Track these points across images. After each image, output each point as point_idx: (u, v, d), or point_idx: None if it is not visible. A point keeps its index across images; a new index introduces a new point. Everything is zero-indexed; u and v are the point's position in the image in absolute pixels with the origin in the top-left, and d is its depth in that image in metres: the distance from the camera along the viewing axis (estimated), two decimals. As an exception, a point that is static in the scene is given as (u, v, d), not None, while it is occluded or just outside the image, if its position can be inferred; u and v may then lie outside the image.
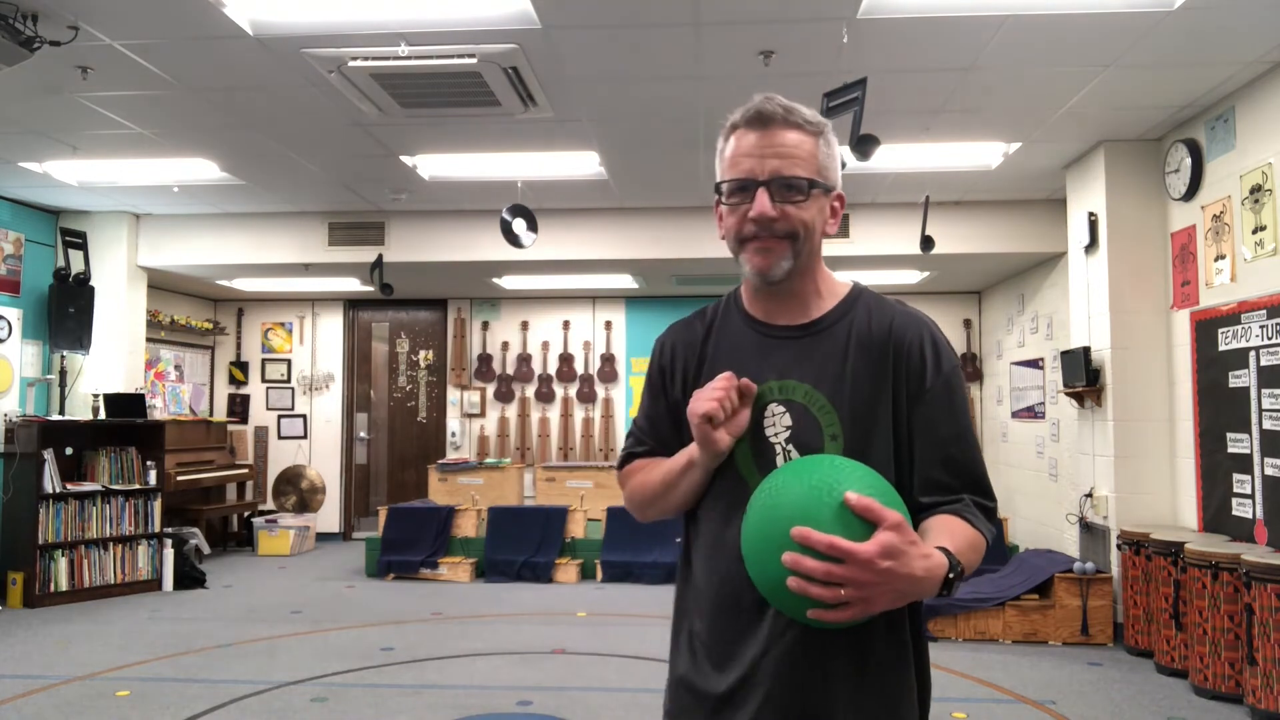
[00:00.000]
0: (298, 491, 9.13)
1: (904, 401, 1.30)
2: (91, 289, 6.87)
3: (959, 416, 1.31)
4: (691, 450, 1.32)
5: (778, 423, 1.31)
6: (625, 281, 8.23)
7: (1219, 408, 4.66)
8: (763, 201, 1.27)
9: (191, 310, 9.08)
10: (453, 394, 9.21)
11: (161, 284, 8.24)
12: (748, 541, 1.14)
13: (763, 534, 1.11)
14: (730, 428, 1.28)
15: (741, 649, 1.27)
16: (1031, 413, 7.41)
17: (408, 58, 4.05)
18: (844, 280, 1.42)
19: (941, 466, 1.28)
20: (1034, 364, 7.32)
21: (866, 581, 1.03)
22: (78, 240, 6.87)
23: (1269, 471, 4.26)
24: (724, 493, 1.33)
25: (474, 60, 4.06)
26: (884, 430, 1.29)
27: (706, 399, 1.26)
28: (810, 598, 1.04)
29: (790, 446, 1.30)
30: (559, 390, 9.12)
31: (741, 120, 1.31)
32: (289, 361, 9.42)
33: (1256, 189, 4.39)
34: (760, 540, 1.11)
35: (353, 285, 8.41)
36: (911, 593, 1.08)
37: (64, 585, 6.25)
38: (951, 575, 1.10)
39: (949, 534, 1.19)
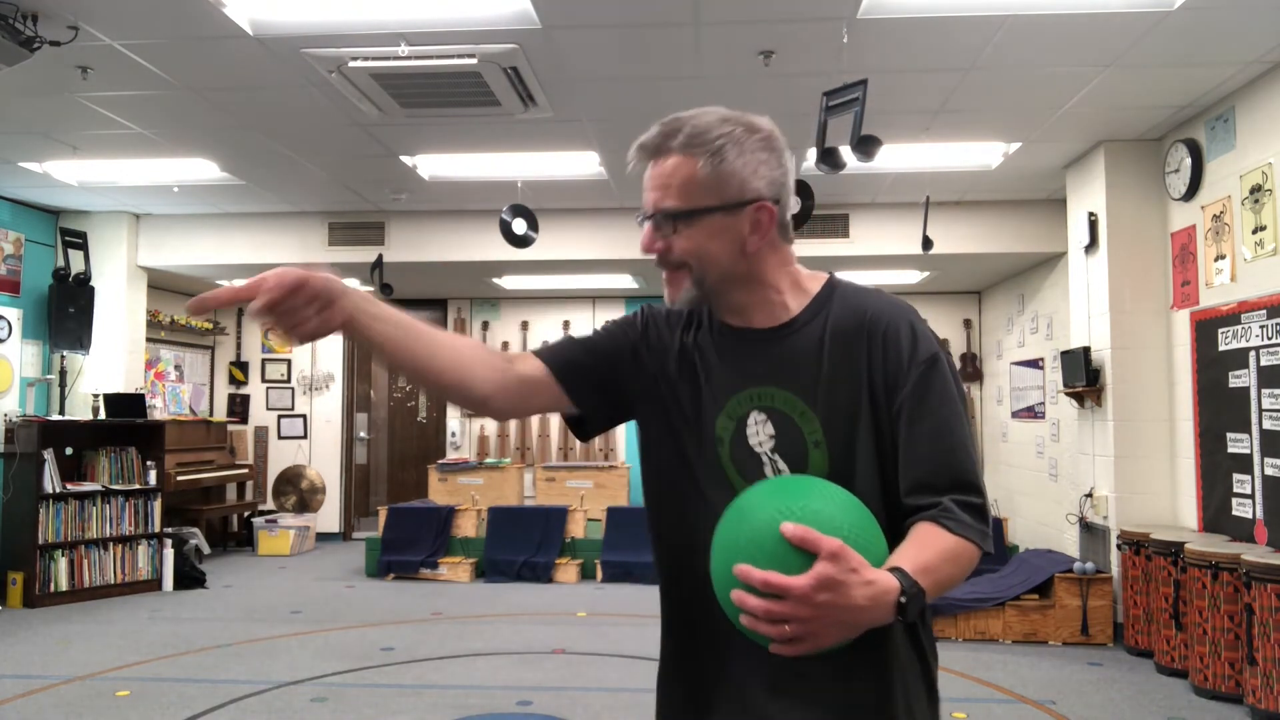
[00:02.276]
0: (298, 491, 9.12)
1: (883, 397, 1.22)
2: (91, 289, 6.87)
3: (940, 408, 1.21)
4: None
5: (760, 431, 1.26)
6: (625, 281, 8.23)
7: (1219, 408, 4.66)
8: (644, 237, 1.27)
9: (191, 310, 9.06)
10: (453, 394, 9.19)
11: (161, 284, 8.24)
12: (712, 571, 1.10)
13: (717, 566, 1.07)
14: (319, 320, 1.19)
15: (716, 665, 1.26)
16: (1031, 413, 7.41)
17: (408, 58, 4.04)
18: (820, 275, 1.35)
19: (922, 464, 1.19)
20: (1034, 364, 7.32)
21: (806, 617, 0.97)
22: (78, 240, 6.87)
23: (1269, 471, 4.26)
24: (703, 508, 1.26)
25: (474, 60, 4.06)
26: (865, 433, 1.22)
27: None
28: (761, 634, 1.00)
29: (776, 456, 1.25)
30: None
31: (632, 155, 1.29)
32: (289, 361, 9.42)
33: (1256, 189, 4.39)
34: (715, 573, 1.08)
35: (353, 285, 8.39)
36: (859, 623, 1.01)
37: (64, 585, 6.25)
38: (903, 600, 1.01)
39: (916, 548, 1.11)
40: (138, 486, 6.71)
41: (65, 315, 6.68)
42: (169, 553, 6.77)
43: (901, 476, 1.20)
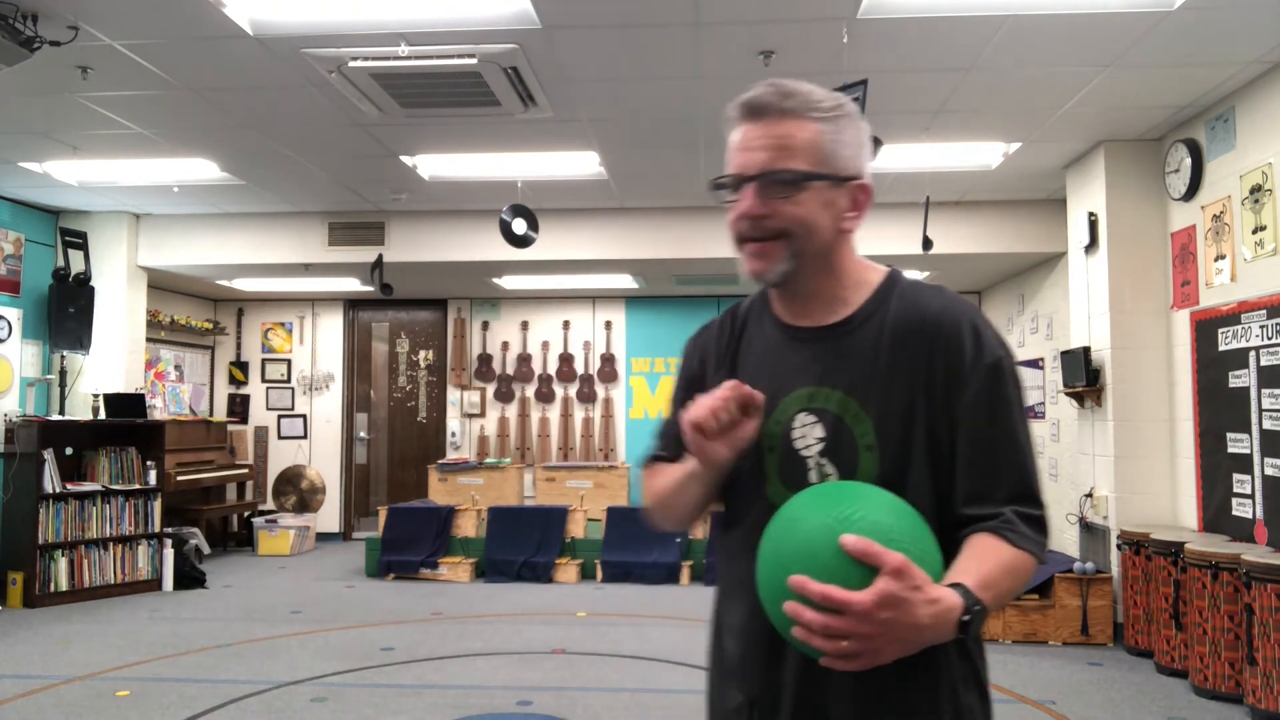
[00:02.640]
0: (298, 491, 9.12)
1: (941, 401, 1.16)
2: (91, 289, 6.87)
3: (1004, 415, 1.15)
4: (693, 461, 1.22)
5: (808, 434, 1.20)
6: (625, 281, 8.23)
7: (1219, 408, 4.66)
8: (746, 199, 1.18)
9: (191, 310, 9.08)
10: (453, 394, 9.21)
11: (161, 284, 8.24)
12: (760, 580, 1.06)
13: (769, 577, 1.04)
14: (730, 440, 1.17)
15: (766, 673, 1.22)
16: (1032, 413, 7.41)
17: (408, 58, 4.05)
18: (879, 268, 1.29)
19: (982, 473, 1.14)
20: (1034, 364, 7.32)
21: (867, 634, 0.95)
22: (78, 240, 6.87)
23: (1269, 471, 4.26)
24: (746, 514, 1.24)
25: (474, 60, 4.06)
26: (921, 437, 1.16)
27: (700, 406, 1.16)
28: (815, 648, 0.98)
29: (824, 460, 1.19)
30: (559, 390, 9.12)
31: (735, 112, 1.21)
32: (289, 361, 9.42)
33: (1256, 189, 4.39)
34: (766, 584, 1.04)
35: (353, 285, 8.41)
36: (920, 641, 0.99)
37: (64, 585, 6.25)
38: (966, 618, 0.99)
39: (978, 562, 1.07)
40: (138, 486, 6.71)
41: (65, 315, 6.68)
42: (169, 553, 6.77)
43: (959, 485, 1.16)
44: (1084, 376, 5.40)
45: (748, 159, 1.19)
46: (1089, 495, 5.49)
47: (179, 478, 7.63)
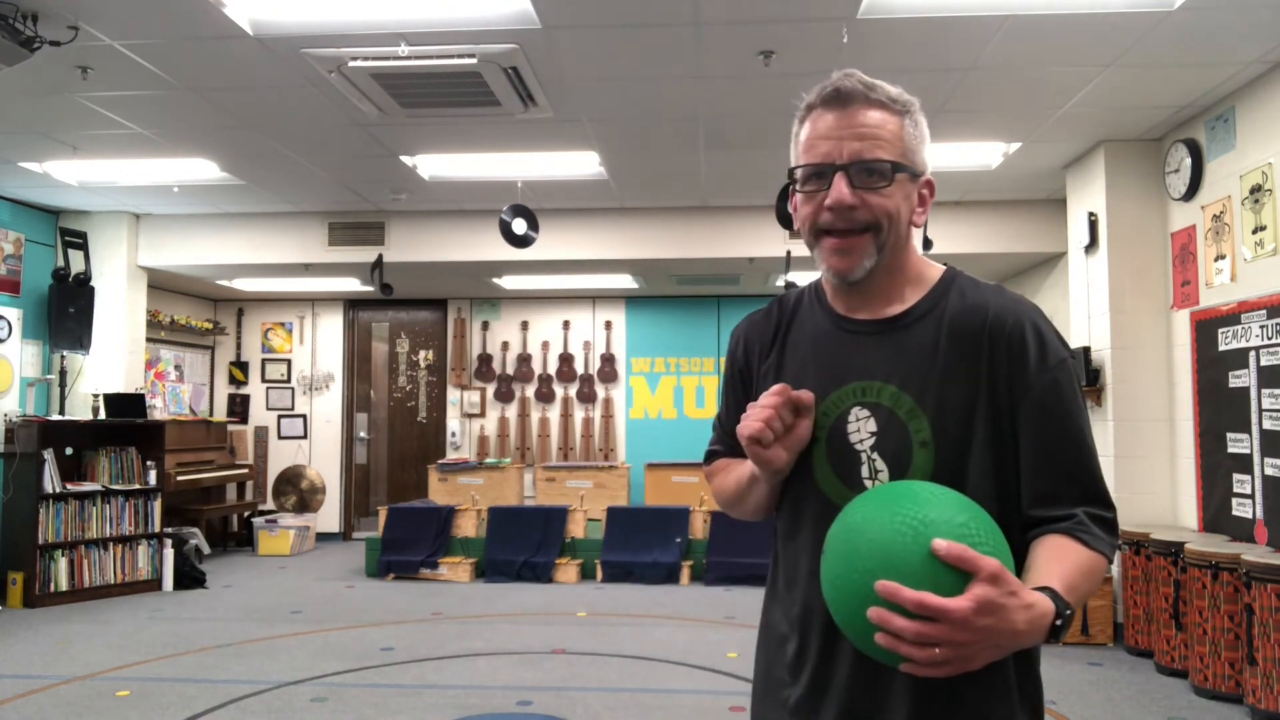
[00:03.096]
0: (298, 491, 9.12)
1: (1005, 401, 1.15)
2: (91, 289, 6.87)
3: (1070, 417, 1.14)
4: (752, 464, 1.23)
5: (862, 428, 1.19)
6: (625, 281, 8.23)
7: (1219, 408, 4.66)
8: (839, 188, 1.15)
9: (191, 310, 9.08)
10: (453, 394, 9.21)
11: (161, 284, 8.24)
12: (828, 585, 1.03)
13: (844, 581, 1.00)
14: (787, 443, 1.18)
15: (820, 667, 1.21)
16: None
17: (408, 58, 4.05)
18: (937, 265, 1.28)
19: (1051, 475, 1.13)
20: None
21: (964, 641, 0.93)
22: (78, 240, 6.87)
23: (1269, 471, 4.26)
24: (802, 508, 1.23)
25: (474, 60, 4.06)
26: (981, 436, 1.14)
27: (753, 419, 1.15)
28: (899, 655, 0.95)
29: (875, 455, 1.18)
30: (559, 390, 9.12)
31: (818, 100, 1.18)
32: (289, 361, 9.42)
33: (1256, 189, 4.39)
34: (842, 588, 1.01)
35: (353, 285, 8.41)
36: (1013, 646, 0.97)
37: (64, 585, 6.25)
38: (1059, 623, 0.98)
39: (1059, 564, 1.06)
40: (138, 486, 6.71)
41: (65, 315, 6.68)
42: (169, 553, 6.77)
43: (1027, 486, 1.14)
44: (1084, 376, 5.40)
45: (835, 148, 1.16)
46: (1089, 495, 5.48)
47: (179, 478, 7.63)
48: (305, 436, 9.35)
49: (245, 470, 8.81)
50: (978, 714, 1.14)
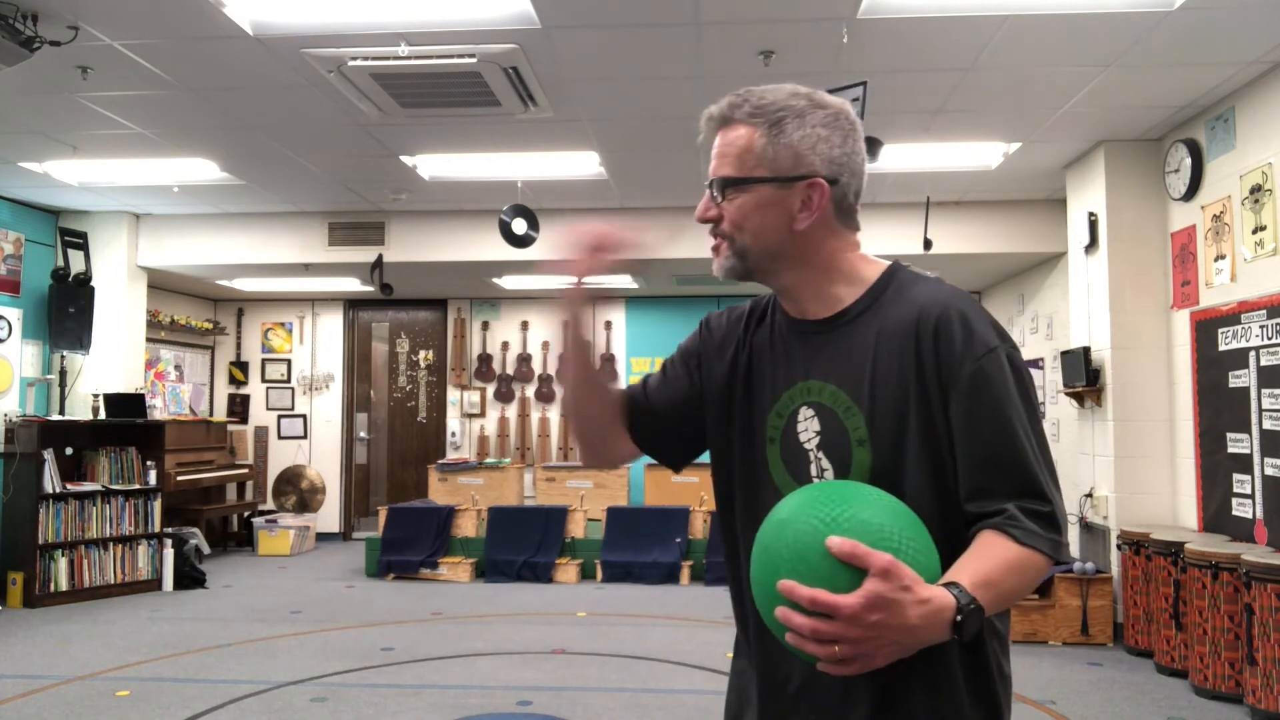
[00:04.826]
0: (298, 491, 9.13)
1: (937, 396, 1.14)
2: (91, 289, 6.87)
3: (1000, 407, 1.12)
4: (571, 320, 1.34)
5: (809, 427, 1.21)
6: (625, 281, 8.23)
7: (1219, 408, 4.66)
8: (701, 202, 1.28)
9: (191, 310, 9.08)
10: (453, 394, 9.21)
11: (161, 284, 8.24)
12: (753, 583, 1.04)
13: (761, 580, 1.01)
14: (595, 260, 1.34)
15: (783, 668, 1.23)
16: (1031, 413, 7.40)
17: (408, 58, 4.05)
18: (880, 262, 1.29)
19: (983, 470, 1.11)
20: (1034, 364, 7.31)
21: (857, 637, 0.93)
22: (78, 240, 6.88)
23: (1269, 471, 4.26)
24: (758, 509, 1.22)
25: (474, 60, 4.06)
26: (915, 432, 1.14)
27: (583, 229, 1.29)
28: (808, 654, 0.96)
29: (821, 454, 1.20)
30: (559, 390, 9.12)
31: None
32: (289, 361, 9.42)
33: (1256, 189, 4.39)
34: (759, 587, 1.02)
35: (353, 285, 8.41)
36: (913, 643, 0.97)
37: (64, 585, 6.25)
38: (959, 618, 0.96)
39: (976, 560, 1.05)
40: (138, 486, 6.71)
41: (65, 315, 6.68)
42: (169, 553, 6.77)
43: (961, 482, 1.13)
44: (1084, 376, 5.40)
45: (710, 167, 1.27)
46: (1089, 495, 5.49)
47: (179, 478, 7.63)
48: (305, 436, 9.35)
49: (245, 470, 8.81)
50: (924, 709, 1.13)
